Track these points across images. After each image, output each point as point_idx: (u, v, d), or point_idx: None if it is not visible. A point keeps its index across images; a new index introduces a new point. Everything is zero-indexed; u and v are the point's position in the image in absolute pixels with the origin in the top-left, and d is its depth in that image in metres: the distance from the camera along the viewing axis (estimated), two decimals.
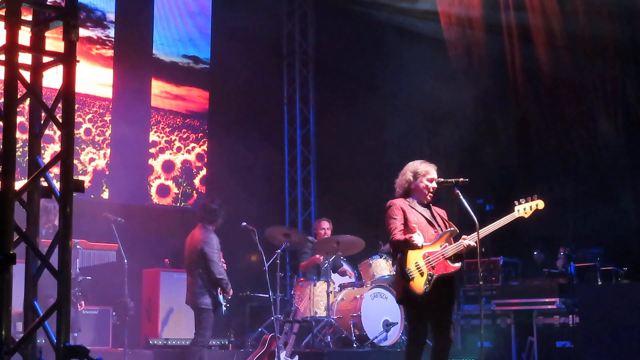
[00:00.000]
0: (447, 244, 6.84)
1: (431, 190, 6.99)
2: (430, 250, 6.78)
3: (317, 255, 11.03)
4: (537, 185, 12.45)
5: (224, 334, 11.36)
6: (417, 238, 6.69)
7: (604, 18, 11.74)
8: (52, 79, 5.13)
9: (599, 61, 11.91)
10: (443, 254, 6.78)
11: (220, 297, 9.09)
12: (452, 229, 6.92)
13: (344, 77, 14.11)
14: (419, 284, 6.66)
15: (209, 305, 9.04)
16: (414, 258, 6.72)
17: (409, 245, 6.70)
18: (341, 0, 14.11)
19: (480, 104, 12.93)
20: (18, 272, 4.73)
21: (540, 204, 7.07)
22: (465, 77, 12.94)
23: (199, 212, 9.57)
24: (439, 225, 6.95)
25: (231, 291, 9.17)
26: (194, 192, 13.23)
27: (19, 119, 5.02)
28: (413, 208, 6.92)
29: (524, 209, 7.03)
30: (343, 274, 11.39)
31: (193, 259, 9.16)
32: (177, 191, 13.06)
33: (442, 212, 7.17)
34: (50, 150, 11.03)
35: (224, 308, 9.12)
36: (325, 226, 11.52)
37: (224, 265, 9.26)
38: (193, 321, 9.15)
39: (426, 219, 6.93)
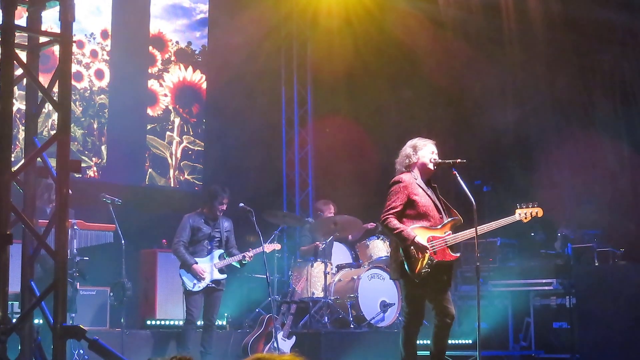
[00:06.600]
0: (450, 231, 6.83)
1: (432, 160, 6.95)
2: (434, 234, 6.77)
3: (317, 243, 10.96)
4: (535, 166, 12.45)
5: (221, 315, 11.36)
6: (409, 235, 6.65)
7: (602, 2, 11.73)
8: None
9: (597, 43, 11.87)
10: (446, 241, 6.77)
11: (181, 272, 9.42)
12: (457, 217, 6.92)
13: (342, 57, 14.02)
14: (420, 265, 6.65)
15: (182, 284, 9.44)
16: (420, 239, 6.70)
17: (398, 237, 6.68)
18: None
19: (478, 82, 12.88)
20: (15, 252, 4.73)
21: (539, 211, 7.13)
22: (462, 55, 12.88)
23: None
24: (443, 211, 6.93)
25: (196, 270, 9.31)
26: (189, 171, 13.18)
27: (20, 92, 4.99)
28: (419, 186, 6.89)
29: (524, 213, 7.10)
30: None
31: None
32: (173, 170, 13.02)
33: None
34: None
35: (187, 285, 9.37)
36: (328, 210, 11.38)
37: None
38: None
39: (433, 202, 6.90)
